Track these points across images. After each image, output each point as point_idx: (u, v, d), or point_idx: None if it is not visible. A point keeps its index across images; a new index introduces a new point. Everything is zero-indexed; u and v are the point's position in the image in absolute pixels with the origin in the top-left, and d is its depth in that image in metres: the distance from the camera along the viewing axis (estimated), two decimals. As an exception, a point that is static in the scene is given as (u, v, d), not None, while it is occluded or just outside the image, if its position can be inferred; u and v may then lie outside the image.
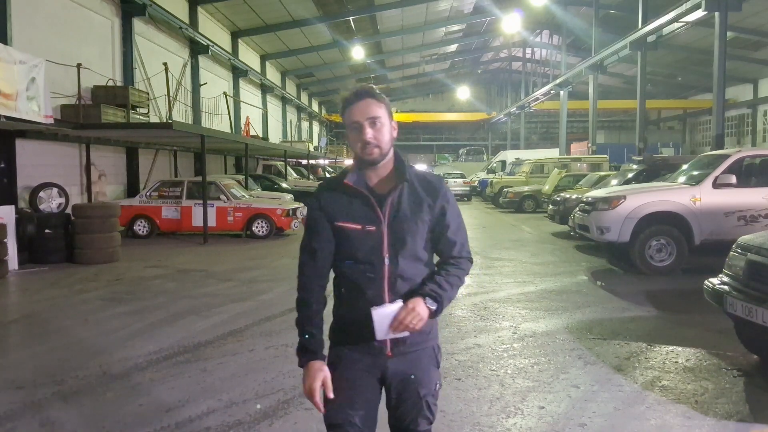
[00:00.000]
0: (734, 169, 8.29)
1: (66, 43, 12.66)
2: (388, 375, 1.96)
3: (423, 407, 1.98)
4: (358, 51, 28.67)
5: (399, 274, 1.91)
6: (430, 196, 1.97)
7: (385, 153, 1.93)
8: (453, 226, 2.00)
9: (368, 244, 1.91)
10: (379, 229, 1.90)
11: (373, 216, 1.91)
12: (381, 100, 1.93)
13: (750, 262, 4.25)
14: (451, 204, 2.02)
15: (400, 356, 1.95)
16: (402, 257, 1.91)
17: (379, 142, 1.89)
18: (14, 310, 6.90)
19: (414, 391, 1.97)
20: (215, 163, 22.72)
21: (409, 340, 1.93)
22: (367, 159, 1.91)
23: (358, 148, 1.91)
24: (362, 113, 1.90)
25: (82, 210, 10.03)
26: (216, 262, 9.90)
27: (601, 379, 4.26)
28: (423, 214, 1.94)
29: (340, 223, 1.93)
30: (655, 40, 18.73)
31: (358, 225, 1.91)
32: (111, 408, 3.83)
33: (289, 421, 3.59)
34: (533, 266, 9.32)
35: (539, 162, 24.02)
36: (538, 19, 30.50)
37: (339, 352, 1.99)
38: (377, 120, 1.90)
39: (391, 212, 1.91)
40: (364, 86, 1.96)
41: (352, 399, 1.94)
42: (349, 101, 1.93)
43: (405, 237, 1.91)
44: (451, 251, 2.01)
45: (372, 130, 1.89)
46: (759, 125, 31.19)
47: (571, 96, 31.36)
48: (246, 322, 5.87)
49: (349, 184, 1.93)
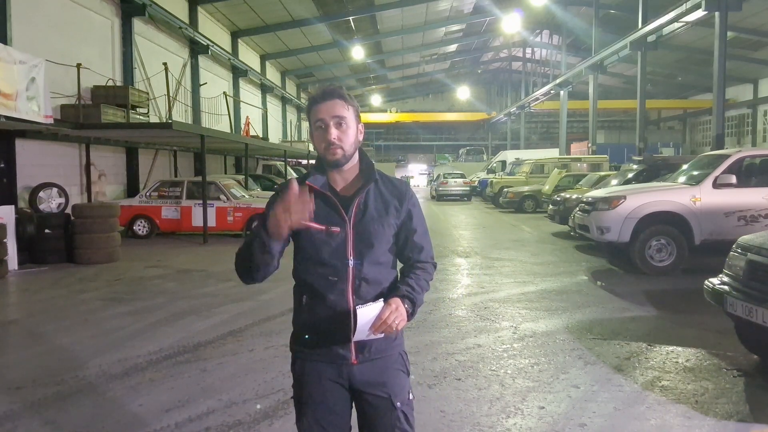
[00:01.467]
0: (734, 169, 8.29)
1: (66, 43, 12.66)
2: (355, 384, 1.89)
3: (399, 418, 1.89)
4: (358, 51, 28.68)
5: (363, 277, 1.86)
6: (397, 199, 1.93)
7: (349, 156, 1.88)
8: (419, 230, 1.98)
9: (332, 246, 1.85)
10: (344, 231, 1.85)
11: (337, 217, 1.86)
12: (349, 102, 1.89)
13: (750, 262, 4.25)
14: (417, 208, 1.99)
15: (366, 363, 1.88)
16: (367, 260, 1.86)
17: (343, 143, 1.85)
18: (14, 310, 6.91)
19: (387, 402, 1.89)
20: (215, 163, 22.72)
21: (374, 347, 1.88)
22: (330, 159, 1.86)
23: (321, 148, 1.87)
24: (328, 112, 1.85)
25: (81, 210, 10.03)
26: (216, 262, 9.90)
27: (601, 379, 4.26)
28: (389, 217, 1.91)
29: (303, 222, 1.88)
30: (655, 40, 18.73)
31: (322, 226, 1.84)
32: (111, 408, 3.83)
33: (289, 421, 3.58)
34: (533, 266, 9.32)
35: (539, 162, 24.02)
36: (538, 19, 30.50)
37: (303, 366, 1.93)
38: (343, 121, 1.85)
39: (357, 213, 1.87)
40: (333, 86, 1.92)
41: (324, 412, 1.90)
42: (315, 100, 1.89)
43: (371, 239, 1.87)
44: (418, 255, 1.98)
45: (337, 130, 1.85)
46: (759, 125, 31.19)
47: (571, 96, 31.36)
48: (246, 322, 5.87)
49: (310, 185, 1.86)
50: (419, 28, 29.44)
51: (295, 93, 36.85)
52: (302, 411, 1.93)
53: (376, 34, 29.06)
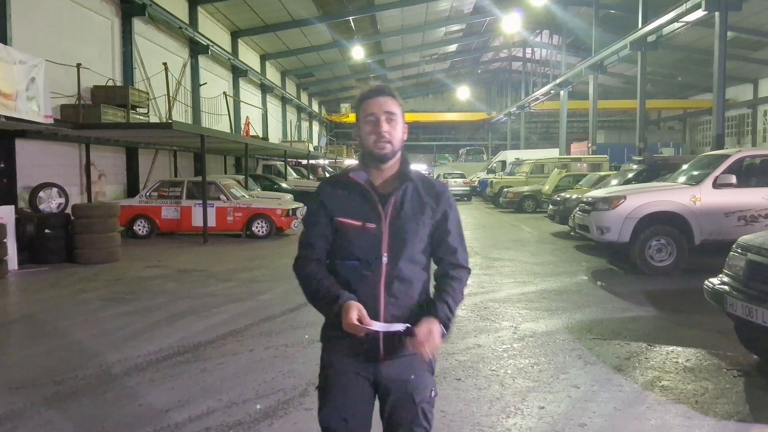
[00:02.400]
0: (734, 169, 8.29)
1: (66, 43, 12.66)
2: (381, 380, 1.93)
3: (418, 414, 1.92)
4: (358, 51, 28.67)
5: (396, 274, 1.89)
6: (433, 200, 1.96)
7: (396, 151, 1.93)
8: (454, 232, 2.00)
9: (367, 242, 1.89)
10: (379, 227, 1.89)
11: (374, 214, 1.90)
12: (398, 101, 1.95)
13: (750, 262, 4.25)
14: (453, 209, 2.01)
15: (393, 360, 1.91)
16: (401, 258, 1.89)
17: (392, 138, 1.90)
18: (14, 310, 6.91)
19: (408, 397, 1.92)
20: (215, 163, 22.72)
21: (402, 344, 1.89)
22: (378, 153, 1.90)
23: (371, 142, 1.90)
24: (380, 107, 1.90)
25: (81, 210, 10.02)
26: (216, 262, 9.90)
27: (601, 379, 4.26)
28: (425, 216, 1.93)
29: (339, 218, 1.92)
30: (655, 40, 18.72)
31: (359, 222, 1.89)
32: (111, 408, 3.82)
33: (289, 421, 3.58)
34: (533, 266, 9.31)
35: (539, 162, 24.01)
36: (538, 19, 30.49)
37: (331, 357, 1.97)
38: (393, 117, 1.91)
39: (394, 211, 1.90)
40: (383, 84, 1.98)
41: (345, 404, 1.93)
42: (367, 95, 1.94)
43: (405, 237, 1.90)
44: (450, 257, 2.00)
45: (388, 125, 1.90)
46: (759, 125, 31.18)
47: (571, 96, 31.36)
48: (246, 322, 5.87)
49: (353, 179, 1.93)
50: (419, 28, 29.43)
51: (295, 93, 36.83)
52: (325, 401, 1.97)
53: (376, 34, 29.05)
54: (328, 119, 47.99)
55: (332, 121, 48.41)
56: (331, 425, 1.94)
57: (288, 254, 10.80)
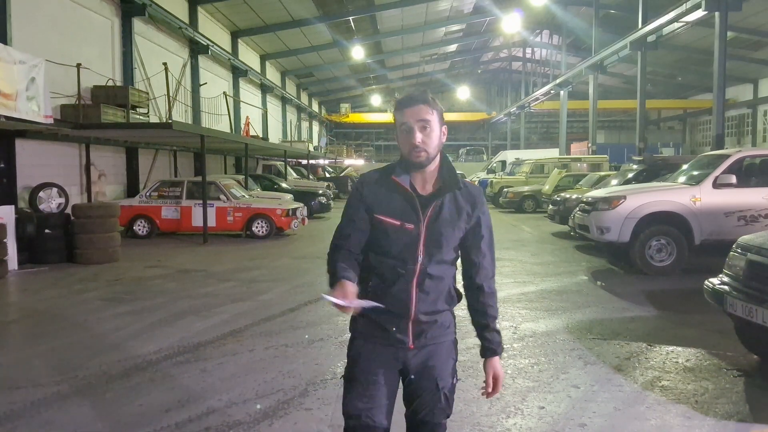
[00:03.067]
0: (734, 169, 8.29)
1: (66, 43, 12.66)
2: (408, 367, 2.02)
3: (441, 399, 2.03)
4: (358, 51, 28.67)
5: (429, 273, 1.98)
6: (470, 205, 2.04)
7: (432, 157, 1.98)
8: (487, 238, 2.10)
9: (404, 241, 1.97)
10: (417, 228, 1.96)
11: (413, 215, 1.97)
12: (433, 106, 1.97)
13: (750, 262, 4.25)
14: (486, 216, 2.10)
15: (421, 349, 2.01)
16: (434, 258, 1.98)
17: (426, 146, 1.94)
18: (14, 310, 6.90)
19: (433, 383, 2.02)
20: (215, 163, 22.73)
21: (430, 333, 2.02)
22: (414, 162, 1.96)
23: (406, 150, 1.96)
24: (413, 116, 1.94)
25: (81, 210, 10.02)
26: (216, 262, 9.90)
27: (601, 379, 4.26)
28: (461, 222, 2.02)
29: (379, 215, 1.99)
30: (655, 40, 18.72)
31: (397, 221, 1.97)
32: (111, 408, 3.82)
33: (289, 421, 3.58)
34: (533, 266, 9.31)
35: (539, 162, 24.00)
36: (538, 19, 30.49)
37: (360, 346, 2.06)
38: (427, 124, 1.95)
39: (433, 215, 1.97)
40: (419, 91, 2.02)
41: (371, 391, 2.00)
42: (402, 104, 1.99)
43: (441, 240, 1.98)
44: (482, 262, 2.09)
45: (421, 134, 1.94)
46: (759, 125, 31.19)
47: (571, 96, 31.36)
48: (246, 322, 5.87)
49: (396, 181, 1.98)
50: (419, 28, 29.43)
51: (295, 93, 36.83)
52: (350, 388, 2.03)
53: (376, 34, 29.05)
54: (328, 119, 47.97)
55: (332, 121, 48.40)
56: (355, 412, 2.00)
57: (288, 254, 10.81)
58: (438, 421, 2.05)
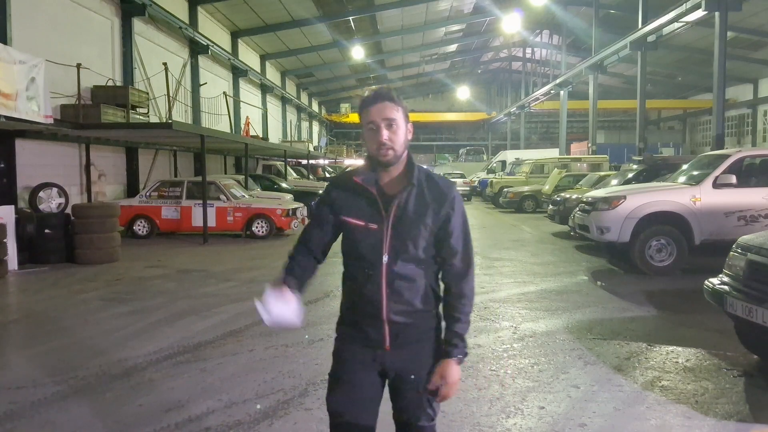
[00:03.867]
0: (734, 169, 8.29)
1: (66, 43, 12.65)
2: (387, 368, 2.00)
3: (423, 402, 2.01)
4: (358, 51, 28.66)
5: (397, 273, 1.94)
6: (437, 202, 1.98)
7: (399, 155, 1.97)
8: (456, 233, 2.01)
9: (369, 242, 1.96)
10: (380, 228, 1.95)
11: (377, 215, 1.96)
12: (398, 103, 1.96)
13: (750, 262, 4.25)
14: (457, 212, 2.01)
15: (398, 350, 1.98)
16: (401, 258, 1.94)
17: (393, 143, 1.93)
18: (14, 310, 6.90)
19: (413, 386, 2.00)
20: (215, 163, 22.71)
21: (408, 334, 1.98)
22: (382, 160, 1.95)
23: (373, 149, 1.95)
24: (379, 114, 1.93)
25: (81, 210, 10.02)
26: (216, 262, 9.90)
27: (601, 379, 4.26)
28: (427, 218, 1.96)
29: (345, 217, 2.01)
30: (655, 40, 18.72)
31: (362, 222, 1.97)
32: (111, 408, 3.83)
33: (289, 421, 3.58)
34: (533, 266, 9.31)
35: (539, 162, 24.01)
36: (538, 19, 30.49)
37: (341, 346, 2.08)
38: (393, 122, 1.94)
39: (396, 213, 1.95)
40: (383, 88, 2.00)
41: (353, 391, 2.01)
42: (367, 102, 1.97)
43: (406, 239, 1.95)
44: (452, 259, 2.02)
45: (388, 131, 1.93)
46: (759, 125, 31.19)
47: (571, 96, 31.35)
48: (246, 322, 5.87)
49: (358, 182, 1.99)
50: (419, 28, 29.42)
51: (295, 93, 36.83)
52: (333, 386, 2.06)
53: (376, 34, 29.04)
54: (328, 119, 47.96)
55: (332, 121, 48.38)
56: (338, 409, 2.02)
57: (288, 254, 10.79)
58: (423, 424, 2.01)
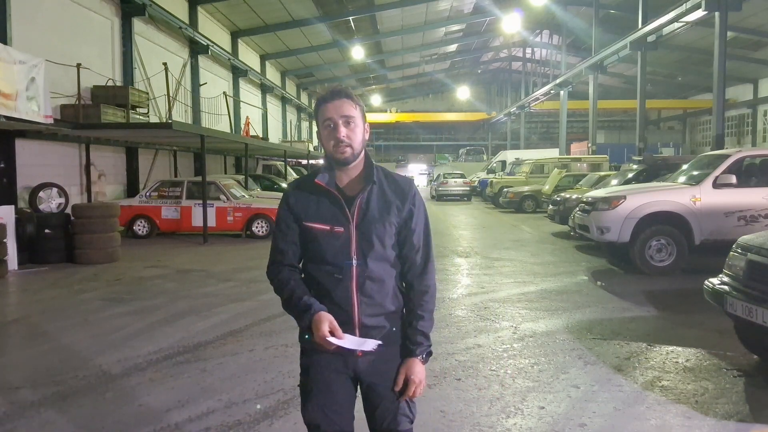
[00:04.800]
0: (734, 169, 8.29)
1: (66, 43, 12.65)
2: (360, 374, 1.96)
3: (402, 406, 1.97)
4: (358, 51, 28.67)
5: (367, 275, 1.91)
6: (399, 199, 1.96)
7: (357, 154, 1.92)
8: (418, 230, 1.99)
9: (336, 246, 1.90)
10: (347, 230, 1.90)
11: (341, 217, 1.91)
12: (356, 102, 1.93)
13: (750, 262, 4.25)
14: (418, 208, 1.99)
15: (371, 355, 1.93)
16: (370, 259, 1.91)
17: (351, 141, 1.89)
18: (14, 310, 6.90)
19: (389, 389, 1.96)
20: (215, 163, 22.72)
21: (379, 338, 1.92)
22: (339, 158, 1.90)
23: (330, 146, 1.90)
24: (336, 111, 1.89)
25: (81, 210, 10.02)
26: (216, 262, 9.90)
27: (601, 379, 4.26)
28: (391, 216, 1.94)
29: (308, 223, 1.93)
30: (655, 40, 18.73)
31: (327, 225, 1.91)
32: (111, 408, 3.82)
33: (289, 421, 3.58)
34: (533, 266, 9.31)
35: (539, 162, 24.02)
36: (538, 19, 30.49)
37: (310, 356, 1.99)
38: (351, 119, 1.90)
39: (360, 213, 1.91)
40: (339, 86, 1.95)
41: (327, 400, 1.96)
42: (324, 99, 1.92)
43: (372, 239, 1.91)
44: (414, 256, 1.99)
45: (346, 129, 1.89)
46: (759, 125, 31.19)
47: (571, 96, 31.36)
48: (246, 322, 5.87)
49: (320, 184, 1.93)
50: (419, 28, 29.43)
51: (295, 93, 36.83)
52: (307, 398, 2.00)
53: (376, 34, 29.04)
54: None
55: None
56: (314, 421, 1.97)
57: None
58: (403, 428, 1.97)
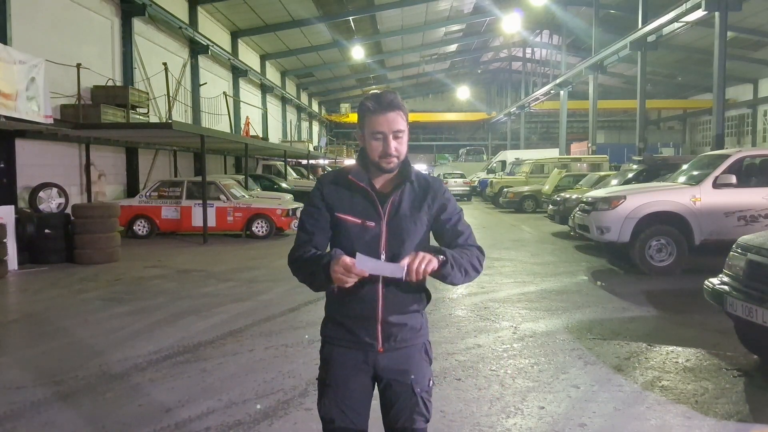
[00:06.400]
0: (734, 169, 8.29)
1: (66, 43, 12.65)
2: (379, 371, 1.98)
3: (419, 403, 1.98)
4: (358, 51, 28.67)
5: None
6: (429, 196, 2.00)
7: (402, 162, 1.96)
8: (454, 219, 2.02)
9: (366, 240, 1.93)
10: (378, 226, 1.93)
11: (373, 212, 1.94)
12: (405, 112, 1.94)
13: (750, 262, 4.25)
14: (451, 201, 2.05)
15: (391, 352, 1.96)
16: (398, 255, 1.91)
17: (399, 154, 1.93)
18: (14, 310, 6.90)
19: (408, 388, 1.97)
20: (215, 163, 22.72)
21: (400, 336, 1.96)
22: (386, 167, 1.93)
23: (376, 156, 1.92)
24: (388, 126, 1.90)
25: (81, 210, 10.02)
26: (216, 262, 9.90)
27: (601, 379, 4.26)
28: (422, 214, 1.97)
29: (340, 214, 1.96)
30: (655, 40, 18.73)
31: (358, 219, 1.94)
32: (111, 408, 3.82)
33: (289, 421, 3.58)
34: (533, 266, 9.31)
35: (539, 162, 24.02)
36: (538, 19, 30.48)
37: (331, 350, 2.02)
38: (401, 133, 1.92)
39: (392, 210, 1.94)
40: (390, 97, 1.92)
41: (344, 395, 1.98)
42: (374, 110, 1.91)
43: (402, 235, 1.94)
44: (457, 239, 2.00)
45: (396, 143, 1.91)
46: (759, 125, 31.18)
47: (571, 96, 31.35)
48: (246, 322, 5.87)
49: (353, 180, 1.96)
50: (419, 28, 29.42)
51: (295, 93, 36.82)
52: (324, 392, 2.02)
53: (376, 34, 29.04)
54: (328, 119, 47.97)
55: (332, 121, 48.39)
56: (329, 415, 1.99)
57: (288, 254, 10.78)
58: (418, 426, 1.98)
